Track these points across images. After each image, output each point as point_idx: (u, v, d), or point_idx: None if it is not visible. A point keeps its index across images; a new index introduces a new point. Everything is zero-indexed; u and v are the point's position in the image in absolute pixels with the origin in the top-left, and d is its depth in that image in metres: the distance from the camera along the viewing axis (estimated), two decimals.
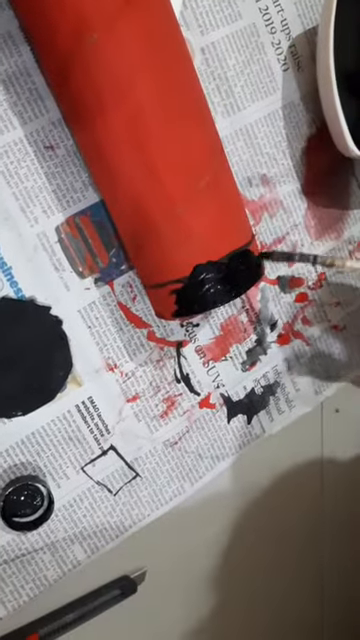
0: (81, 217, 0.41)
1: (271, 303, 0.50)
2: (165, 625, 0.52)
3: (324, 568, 0.62)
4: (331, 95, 0.42)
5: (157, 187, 0.36)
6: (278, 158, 0.47)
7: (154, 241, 0.38)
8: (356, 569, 0.64)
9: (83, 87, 0.35)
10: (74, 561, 0.45)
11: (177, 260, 0.38)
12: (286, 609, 0.61)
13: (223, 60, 0.44)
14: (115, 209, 0.39)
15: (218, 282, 0.38)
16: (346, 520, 0.61)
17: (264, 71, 0.45)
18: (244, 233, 0.39)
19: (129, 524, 0.47)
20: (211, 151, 0.38)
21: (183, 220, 0.36)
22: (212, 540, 0.53)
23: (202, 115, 0.38)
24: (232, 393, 0.49)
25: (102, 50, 0.33)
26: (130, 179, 0.36)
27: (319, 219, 0.50)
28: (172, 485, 0.48)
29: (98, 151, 0.37)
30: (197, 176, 0.36)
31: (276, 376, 0.51)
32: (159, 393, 0.46)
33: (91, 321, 0.42)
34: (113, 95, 0.34)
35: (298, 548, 0.59)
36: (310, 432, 0.56)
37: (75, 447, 0.43)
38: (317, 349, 0.53)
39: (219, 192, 0.38)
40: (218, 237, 0.38)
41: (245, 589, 0.57)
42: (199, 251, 0.37)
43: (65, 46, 0.34)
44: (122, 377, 0.44)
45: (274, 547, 0.57)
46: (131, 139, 0.35)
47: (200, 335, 0.47)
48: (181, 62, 0.36)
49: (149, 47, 0.34)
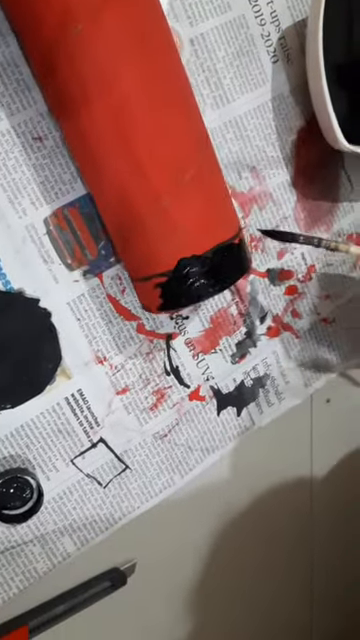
0: (70, 209, 0.41)
1: (261, 296, 0.50)
2: (154, 617, 0.53)
3: (314, 557, 0.62)
4: (320, 88, 0.42)
5: (141, 180, 0.36)
6: (268, 150, 0.47)
7: (139, 234, 0.38)
8: (345, 560, 0.65)
9: (67, 78, 0.34)
10: (64, 553, 0.45)
11: (162, 254, 0.38)
12: (276, 602, 0.61)
13: (212, 52, 0.44)
14: (101, 201, 0.39)
15: (202, 276, 0.37)
16: (335, 510, 0.62)
17: (253, 63, 0.45)
18: (230, 227, 0.39)
19: (119, 516, 0.47)
20: (197, 144, 0.37)
21: (168, 213, 0.36)
22: (202, 532, 0.53)
23: (188, 108, 0.37)
24: (222, 385, 0.49)
25: (86, 41, 0.33)
26: (115, 171, 0.36)
27: (309, 211, 0.50)
28: (162, 477, 0.48)
29: (83, 143, 0.37)
30: (182, 169, 0.36)
31: (266, 368, 0.51)
32: (149, 386, 0.46)
33: (80, 313, 0.42)
34: (97, 86, 0.34)
35: (287, 540, 0.60)
36: (300, 424, 0.56)
37: (64, 440, 0.43)
38: (307, 342, 0.53)
39: (205, 185, 0.37)
40: (203, 231, 0.37)
41: (235, 580, 0.57)
42: (184, 245, 0.37)
43: (49, 37, 0.33)
44: (111, 370, 0.44)
45: (264, 539, 0.57)
46: (115, 131, 0.35)
47: (190, 328, 0.47)
48: (167, 55, 0.36)
49: (134, 39, 0.34)
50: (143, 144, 0.35)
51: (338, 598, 0.66)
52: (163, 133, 0.35)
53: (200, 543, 0.53)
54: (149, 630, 0.53)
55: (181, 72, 0.38)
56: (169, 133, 0.35)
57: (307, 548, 0.61)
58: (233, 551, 0.55)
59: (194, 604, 0.54)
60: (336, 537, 0.63)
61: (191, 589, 0.54)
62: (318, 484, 0.59)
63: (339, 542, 0.64)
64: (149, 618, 0.52)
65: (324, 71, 0.42)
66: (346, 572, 0.65)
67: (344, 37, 0.46)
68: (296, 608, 0.64)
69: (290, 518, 0.59)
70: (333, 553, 0.63)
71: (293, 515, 0.59)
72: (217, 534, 0.54)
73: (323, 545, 0.62)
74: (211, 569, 0.54)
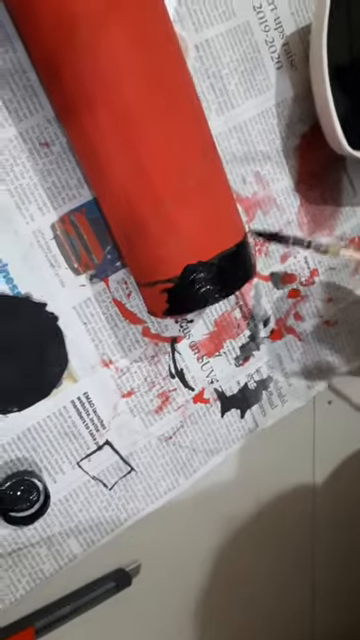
0: (76, 214, 0.41)
1: (264, 299, 0.50)
2: (159, 617, 0.53)
3: (315, 558, 0.63)
4: (324, 93, 0.43)
5: (146, 186, 0.36)
6: (272, 155, 0.48)
7: (144, 240, 0.38)
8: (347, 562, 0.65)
9: (72, 85, 0.35)
10: (70, 555, 0.45)
11: (167, 260, 0.38)
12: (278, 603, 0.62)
13: (217, 58, 0.44)
14: (107, 207, 0.40)
15: (208, 282, 0.38)
16: (337, 511, 0.62)
17: (258, 69, 0.46)
18: (235, 233, 0.39)
19: (124, 518, 0.47)
20: (202, 150, 0.38)
21: (173, 220, 0.36)
22: (206, 533, 0.53)
23: (193, 115, 0.38)
24: (226, 388, 0.50)
25: (90, 48, 0.33)
26: (119, 178, 0.36)
27: (312, 216, 0.51)
28: (167, 479, 0.49)
29: (88, 149, 0.37)
30: (187, 175, 0.36)
31: (269, 371, 0.52)
32: (154, 388, 0.46)
33: (86, 317, 0.43)
34: (101, 94, 0.34)
35: (290, 541, 0.60)
36: (302, 426, 0.56)
37: (71, 442, 0.44)
38: (309, 344, 0.53)
39: (210, 191, 0.38)
40: (208, 237, 0.38)
41: (239, 581, 0.57)
42: (189, 251, 0.37)
43: (54, 42, 0.34)
44: (117, 373, 0.45)
45: (267, 540, 0.58)
46: (119, 138, 0.35)
47: (194, 331, 0.47)
48: (172, 62, 0.36)
49: (138, 47, 0.34)
50: (147, 151, 0.35)
51: (340, 600, 0.66)
52: (167, 140, 0.35)
53: (204, 544, 0.54)
54: (154, 631, 0.53)
55: (187, 79, 0.38)
56: (173, 140, 0.36)
57: (309, 549, 0.62)
58: (237, 552, 0.56)
59: (198, 605, 0.55)
60: (338, 538, 0.63)
61: (195, 590, 0.54)
62: (320, 485, 0.60)
63: (341, 543, 0.64)
64: (154, 619, 0.53)
65: (328, 77, 0.42)
66: (348, 574, 0.66)
67: (348, 43, 0.46)
68: (298, 609, 0.64)
69: (293, 519, 0.60)
70: (335, 554, 0.64)
71: (296, 516, 0.60)
72: (221, 535, 0.54)
73: (325, 546, 0.62)
74: (215, 570, 0.55)
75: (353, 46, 0.46)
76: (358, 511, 0.64)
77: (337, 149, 0.46)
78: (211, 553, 0.54)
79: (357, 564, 0.66)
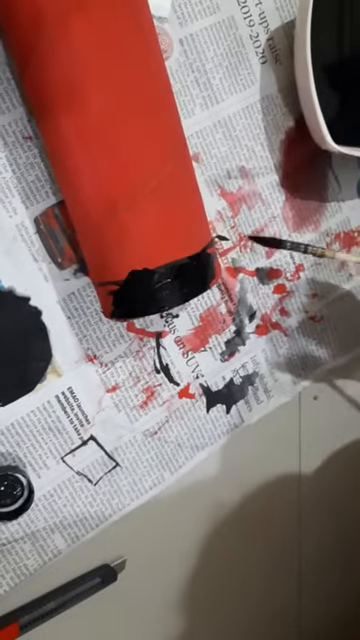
0: (60, 208, 0.41)
1: (250, 294, 0.50)
2: (145, 612, 0.53)
3: (302, 552, 0.63)
4: (308, 88, 0.43)
5: (98, 189, 0.36)
6: (256, 150, 0.48)
7: (94, 241, 0.38)
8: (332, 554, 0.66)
9: (37, 82, 0.35)
10: (54, 550, 0.45)
11: (114, 263, 0.37)
12: (265, 595, 0.62)
13: (202, 52, 0.44)
14: (67, 203, 0.39)
15: (152, 292, 0.37)
16: (323, 505, 0.62)
17: (242, 64, 0.46)
18: (192, 244, 0.38)
19: (109, 513, 0.47)
20: (163, 157, 0.36)
21: (122, 224, 0.36)
22: (192, 528, 0.54)
23: (159, 120, 0.36)
24: (211, 383, 0.50)
25: (53, 48, 0.33)
26: (74, 177, 0.36)
27: (297, 211, 0.51)
28: (152, 474, 0.49)
29: (51, 145, 0.37)
30: (141, 182, 0.35)
31: (255, 366, 0.52)
32: (139, 383, 0.46)
33: (70, 312, 0.43)
34: (61, 95, 0.34)
35: (276, 534, 0.60)
36: (288, 421, 0.56)
37: (55, 437, 0.44)
38: (295, 340, 0.53)
39: (167, 200, 0.36)
40: (158, 246, 0.37)
41: (225, 575, 0.57)
42: (136, 257, 0.37)
43: (22, 39, 0.34)
44: (102, 368, 0.45)
45: (253, 534, 0.58)
46: (76, 139, 0.35)
47: (179, 326, 0.47)
48: (141, 64, 0.35)
49: (103, 50, 0.33)
50: (102, 156, 0.35)
51: (326, 592, 0.67)
52: (124, 145, 0.35)
53: (190, 539, 0.54)
54: (140, 626, 0.53)
55: (158, 81, 0.37)
56: (131, 145, 0.35)
57: (295, 542, 0.62)
58: (223, 546, 0.56)
59: (184, 599, 0.55)
60: (324, 531, 0.64)
61: (181, 585, 0.54)
62: (306, 480, 0.60)
63: (327, 536, 0.64)
64: (140, 614, 0.53)
65: (312, 72, 0.42)
66: (334, 568, 0.66)
67: (332, 38, 0.46)
68: (284, 602, 0.64)
69: (279, 514, 0.60)
70: (321, 548, 0.64)
71: (282, 511, 0.60)
72: (207, 530, 0.54)
73: (311, 540, 0.63)
74: (201, 565, 0.55)
75: (337, 41, 0.46)
76: (343, 506, 0.64)
77: (321, 144, 0.46)
78: (197, 548, 0.54)
79: (342, 558, 0.67)
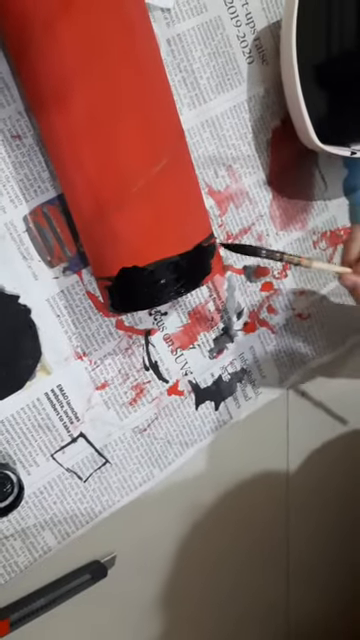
0: (49, 207, 0.41)
1: (237, 292, 0.51)
2: (135, 608, 0.53)
3: (290, 543, 0.63)
4: (294, 88, 0.43)
5: (88, 188, 0.36)
6: (243, 150, 0.48)
7: (88, 238, 0.39)
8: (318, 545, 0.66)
9: (30, 82, 0.36)
10: (45, 547, 0.46)
11: (106, 260, 0.38)
12: (253, 590, 0.62)
13: (189, 52, 0.44)
14: (67, 200, 0.40)
15: (143, 287, 0.38)
16: (310, 498, 0.63)
17: (229, 64, 0.46)
18: (184, 241, 0.38)
19: (99, 510, 0.48)
20: (153, 156, 0.36)
21: (111, 222, 0.37)
22: (181, 524, 0.54)
23: (150, 120, 0.36)
24: (200, 380, 0.50)
25: (42, 50, 0.33)
26: (68, 177, 0.37)
27: (284, 210, 0.51)
28: (141, 471, 0.49)
29: (46, 142, 0.38)
30: (129, 181, 0.36)
31: (243, 363, 0.52)
32: (128, 381, 0.47)
33: (60, 310, 0.43)
34: (51, 95, 0.35)
35: (265, 530, 0.61)
36: (276, 417, 0.57)
37: (45, 435, 0.44)
38: (282, 337, 0.54)
39: (155, 198, 0.37)
40: (147, 244, 0.37)
41: (215, 569, 0.58)
42: (125, 255, 0.37)
43: (16, 40, 0.34)
44: (91, 365, 0.45)
45: (242, 528, 0.59)
46: (67, 138, 0.36)
47: (168, 323, 0.48)
48: (128, 66, 0.35)
49: (91, 53, 0.34)
50: (90, 153, 0.35)
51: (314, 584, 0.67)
52: (112, 145, 0.35)
53: (179, 535, 0.54)
54: (129, 621, 0.53)
55: (150, 78, 0.37)
56: (119, 145, 0.35)
57: (284, 534, 0.63)
58: (212, 541, 0.56)
59: (174, 595, 0.55)
60: (311, 524, 0.64)
61: (171, 580, 0.55)
62: (294, 475, 0.61)
63: (314, 530, 0.65)
64: (130, 609, 0.53)
65: (298, 72, 0.43)
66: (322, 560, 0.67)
67: (317, 38, 0.47)
68: (273, 595, 0.65)
69: (267, 508, 0.60)
70: (309, 541, 0.65)
71: (270, 505, 0.61)
72: (196, 526, 0.55)
73: (299, 533, 0.63)
74: (190, 560, 0.55)
75: (323, 41, 0.47)
76: (331, 500, 0.65)
77: (308, 144, 0.46)
78: (186, 543, 0.55)
79: (330, 552, 0.67)
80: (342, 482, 0.65)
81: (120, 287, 0.38)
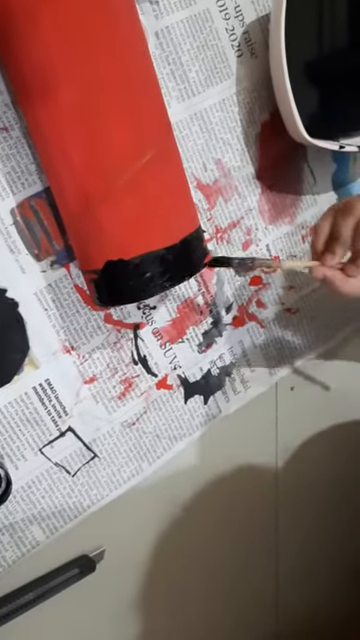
0: (36, 200, 0.41)
1: (226, 286, 0.51)
2: (123, 602, 0.53)
3: (279, 537, 0.64)
4: (283, 82, 0.43)
5: (74, 181, 0.36)
6: (232, 143, 0.48)
7: (76, 230, 0.39)
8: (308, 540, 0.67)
9: (15, 73, 0.36)
10: (33, 542, 0.45)
11: (91, 253, 0.38)
12: (242, 585, 0.63)
13: (177, 45, 0.44)
14: (54, 194, 0.40)
15: (128, 280, 0.38)
16: (299, 493, 0.63)
17: (218, 57, 0.46)
18: (167, 236, 0.38)
19: (88, 504, 0.47)
20: (138, 149, 0.36)
21: (97, 215, 0.37)
22: (170, 518, 0.54)
23: (135, 113, 0.36)
24: (189, 374, 0.50)
25: (24, 42, 0.33)
26: (54, 170, 0.37)
27: (273, 204, 0.51)
28: (130, 465, 0.49)
29: (33, 135, 0.38)
30: (114, 174, 0.36)
31: (232, 357, 0.52)
32: (117, 375, 0.47)
33: (47, 304, 0.43)
34: (36, 88, 0.34)
35: (254, 524, 0.61)
36: (265, 411, 0.57)
37: (33, 429, 0.44)
38: (271, 331, 0.54)
39: (140, 191, 0.37)
40: (133, 237, 0.37)
41: (204, 563, 0.58)
42: (111, 248, 0.37)
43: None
44: (79, 359, 0.45)
45: (231, 522, 0.59)
46: (51, 130, 0.36)
47: (157, 318, 0.48)
48: (111, 58, 0.35)
49: (74, 45, 0.33)
50: (74, 146, 0.35)
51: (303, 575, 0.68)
52: (96, 138, 0.35)
53: (168, 529, 0.54)
54: (118, 615, 0.53)
55: (135, 71, 0.36)
56: (103, 138, 0.35)
57: (273, 528, 0.63)
58: (201, 535, 0.56)
59: (162, 589, 0.55)
60: (300, 517, 0.65)
61: (160, 574, 0.55)
62: (283, 469, 0.61)
63: (303, 522, 0.65)
64: (118, 604, 0.53)
65: (286, 66, 0.43)
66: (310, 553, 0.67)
67: (306, 32, 0.47)
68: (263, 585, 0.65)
69: (256, 502, 0.61)
70: (297, 532, 0.65)
71: (259, 499, 0.61)
72: (185, 519, 0.55)
73: (288, 525, 0.64)
74: (179, 554, 0.55)
75: (312, 35, 0.47)
76: (320, 494, 0.65)
77: (296, 138, 0.46)
78: (175, 537, 0.55)
79: (319, 545, 0.68)
80: (331, 476, 0.65)
81: (106, 280, 0.38)
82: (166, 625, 0.57)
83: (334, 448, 0.64)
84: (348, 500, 0.67)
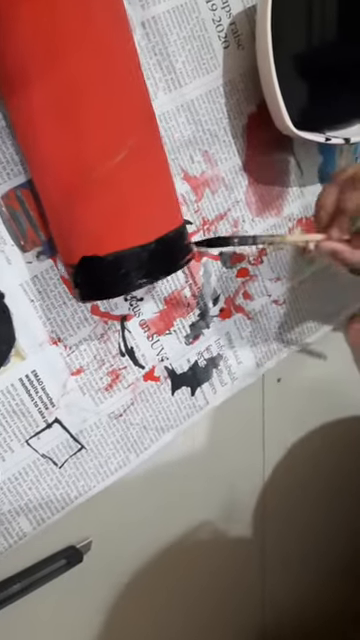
0: (22, 190, 0.41)
1: (213, 278, 0.51)
2: (111, 593, 0.54)
3: (266, 530, 0.64)
4: (269, 74, 0.43)
5: (50, 175, 0.37)
6: (219, 135, 0.48)
7: (54, 223, 0.39)
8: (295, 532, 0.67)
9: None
10: (20, 533, 0.45)
11: (70, 247, 0.39)
12: (228, 576, 0.63)
13: (164, 35, 0.44)
14: (36, 186, 0.40)
15: (103, 277, 0.38)
16: (286, 485, 0.64)
17: (205, 48, 0.46)
18: (143, 233, 0.37)
19: (75, 495, 0.48)
20: (110, 146, 0.36)
21: (73, 210, 0.37)
22: (157, 510, 0.54)
23: (109, 110, 0.36)
24: (176, 366, 0.50)
25: (4, 34, 0.33)
26: (32, 162, 0.37)
27: (260, 196, 0.51)
28: (117, 456, 0.49)
29: (13, 125, 0.38)
30: (88, 169, 0.35)
31: (219, 349, 0.53)
32: (104, 366, 0.47)
33: (34, 295, 0.43)
34: (13, 81, 0.34)
35: (241, 514, 0.62)
36: (252, 403, 0.57)
37: (19, 420, 0.44)
38: (258, 323, 0.54)
39: (116, 187, 0.36)
40: (107, 233, 0.37)
41: (190, 554, 0.58)
42: (85, 244, 0.37)
43: None
44: (66, 351, 0.45)
45: (217, 514, 0.59)
46: (28, 122, 0.36)
47: (144, 309, 0.48)
48: (90, 50, 0.34)
49: (40, 37, 0.33)
50: (49, 140, 0.35)
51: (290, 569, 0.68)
52: (71, 134, 0.35)
53: (155, 520, 0.54)
54: (105, 606, 0.54)
55: (113, 67, 0.36)
56: (77, 135, 0.35)
57: (260, 521, 0.63)
58: (187, 527, 0.57)
59: (149, 580, 0.56)
60: (287, 510, 0.65)
61: (146, 565, 0.55)
62: (270, 460, 0.61)
63: (290, 514, 0.66)
64: (105, 595, 0.53)
65: (273, 58, 0.43)
66: (297, 543, 0.68)
67: (293, 23, 0.47)
68: (249, 579, 0.66)
69: (243, 494, 0.61)
70: (284, 526, 0.66)
71: (246, 491, 0.61)
72: (172, 511, 0.55)
73: (275, 517, 0.64)
74: (165, 546, 0.55)
75: (298, 27, 0.47)
76: (306, 483, 0.66)
77: (283, 130, 0.46)
78: (162, 529, 0.55)
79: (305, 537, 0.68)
80: (317, 467, 0.66)
81: (82, 276, 0.39)
82: (152, 616, 0.58)
83: (321, 440, 0.64)
84: (336, 490, 0.68)
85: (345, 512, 0.70)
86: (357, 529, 0.72)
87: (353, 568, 0.74)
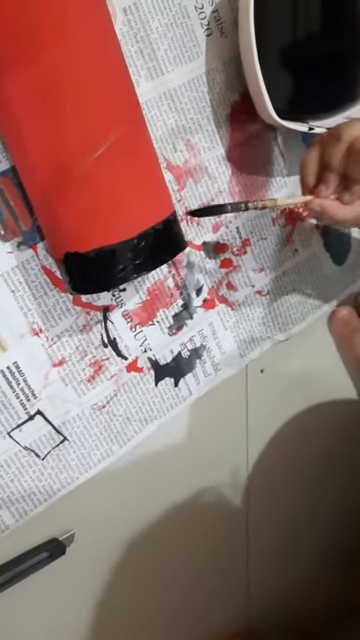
0: (2, 179, 0.40)
1: (197, 269, 0.50)
2: (93, 585, 0.54)
3: (249, 522, 0.64)
4: (252, 62, 0.43)
5: (30, 172, 0.37)
6: (202, 124, 0.48)
7: (40, 218, 0.39)
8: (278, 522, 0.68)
9: None
10: (2, 526, 0.45)
11: (53, 242, 0.39)
12: (213, 564, 0.63)
13: (146, 22, 0.43)
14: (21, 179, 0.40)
15: (86, 272, 0.38)
16: (270, 474, 0.64)
17: (188, 35, 0.45)
18: (125, 230, 0.37)
19: (58, 488, 0.47)
20: (88, 144, 0.35)
21: (54, 207, 0.37)
22: (140, 501, 0.54)
23: (85, 107, 0.35)
24: (159, 357, 0.50)
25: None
26: (15, 158, 0.37)
27: (243, 185, 0.51)
28: (100, 448, 0.49)
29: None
30: (66, 168, 0.35)
31: (202, 340, 0.52)
32: (86, 357, 0.46)
33: (15, 285, 0.42)
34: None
35: (225, 504, 0.62)
36: (235, 394, 0.57)
37: (1, 412, 0.43)
38: (242, 313, 0.54)
39: (96, 184, 0.36)
40: (88, 230, 0.37)
41: (173, 545, 0.58)
42: (67, 240, 0.38)
43: None
44: (48, 342, 0.44)
45: (201, 504, 0.59)
46: (6, 118, 0.35)
47: (127, 300, 0.47)
48: (65, 45, 0.34)
49: (21, 26, 0.33)
50: (28, 137, 0.35)
51: (274, 554, 0.69)
52: (49, 130, 0.35)
53: (138, 512, 0.54)
54: (88, 599, 0.53)
55: (90, 62, 0.35)
56: (54, 131, 0.35)
57: (244, 509, 0.64)
58: (171, 518, 0.57)
59: (133, 571, 0.56)
60: (270, 499, 0.65)
61: (129, 557, 0.55)
62: (253, 450, 0.61)
63: (274, 502, 0.66)
64: (88, 587, 0.53)
65: (256, 46, 0.42)
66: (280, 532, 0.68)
67: (275, 12, 0.46)
68: (233, 564, 0.66)
69: (227, 484, 0.61)
70: (268, 514, 0.66)
71: (230, 480, 0.61)
72: (156, 502, 0.55)
73: (258, 506, 0.64)
74: (149, 537, 0.55)
75: (281, 15, 0.47)
76: (289, 473, 0.66)
77: (266, 119, 0.46)
78: (145, 520, 0.55)
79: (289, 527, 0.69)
80: (300, 458, 0.66)
81: (67, 270, 0.39)
82: (136, 607, 0.58)
83: (304, 429, 0.64)
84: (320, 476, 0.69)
85: (329, 496, 0.71)
86: (340, 511, 0.72)
87: (336, 552, 0.74)
